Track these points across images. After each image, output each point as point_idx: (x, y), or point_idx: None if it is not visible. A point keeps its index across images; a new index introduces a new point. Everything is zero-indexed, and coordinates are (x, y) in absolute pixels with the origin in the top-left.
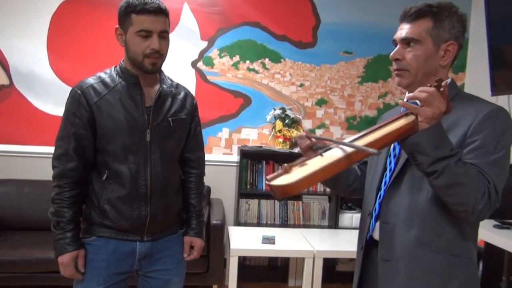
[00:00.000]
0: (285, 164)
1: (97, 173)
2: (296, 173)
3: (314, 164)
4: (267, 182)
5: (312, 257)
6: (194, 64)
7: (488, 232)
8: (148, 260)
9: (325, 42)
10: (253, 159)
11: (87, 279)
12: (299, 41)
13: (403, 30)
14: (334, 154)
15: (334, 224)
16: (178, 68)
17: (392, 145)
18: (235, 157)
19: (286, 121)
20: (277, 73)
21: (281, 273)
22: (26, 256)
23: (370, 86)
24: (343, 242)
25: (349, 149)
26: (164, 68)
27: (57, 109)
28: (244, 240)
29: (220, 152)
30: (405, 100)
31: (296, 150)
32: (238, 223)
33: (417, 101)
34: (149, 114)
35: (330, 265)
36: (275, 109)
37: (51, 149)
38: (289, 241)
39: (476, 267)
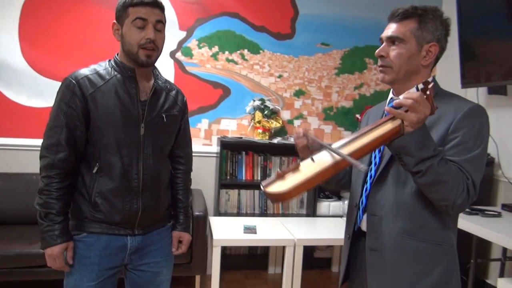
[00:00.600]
0: (278, 170)
1: (87, 165)
2: (290, 180)
3: (306, 170)
4: (262, 188)
5: (293, 245)
6: (172, 54)
7: (459, 218)
8: (139, 254)
9: (303, 34)
10: (233, 150)
11: (79, 276)
12: (278, 33)
13: (390, 29)
14: (324, 159)
15: (312, 212)
16: (159, 61)
17: None
18: (214, 148)
19: (265, 112)
20: (256, 64)
21: (261, 261)
22: (6, 252)
23: (347, 77)
24: (322, 230)
25: (338, 156)
26: None
27: (31, 100)
28: (226, 231)
29: (200, 143)
30: (392, 104)
31: (275, 140)
32: (218, 213)
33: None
34: (143, 109)
35: (309, 252)
36: (254, 100)
37: (21, 141)
38: (270, 230)
39: (456, 253)
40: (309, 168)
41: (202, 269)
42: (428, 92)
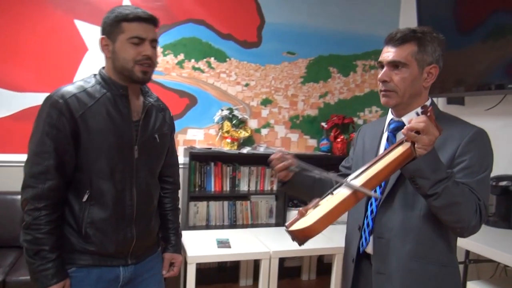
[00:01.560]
0: (300, 208)
1: (75, 193)
2: (312, 215)
3: (328, 203)
4: (286, 229)
5: (268, 258)
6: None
7: None
8: (131, 285)
9: (270, 42)
10: (201, 161)
11: None
12: (244, 41)
13: (390, 53)
14: (343, 191)
15: (282, 221)
16: None
17: None
18: (181, 159)
19: (234, 122)
20: (222, 73)
21: (232, 274)
22: None
23: (312, 86)
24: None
25: (356, 187)
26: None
27: None
28: (199, 246)
29: None
30: (392, 126)
31: (245, 151)
32: (188, 227)
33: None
34: (136, 130)
35: (279, 262)
36: (222, 110)
37: None
38: (243, 243)
39: (460, 274)
40: (329, 201)
41: (176, 286)
42: (429, 114)
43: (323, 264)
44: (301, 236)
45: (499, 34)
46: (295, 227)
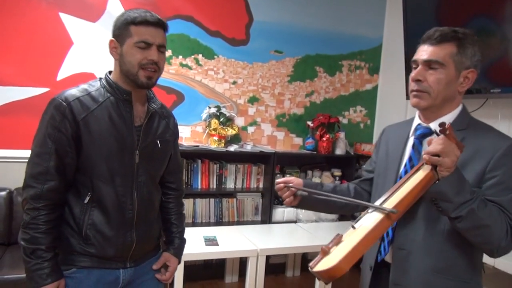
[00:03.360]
0: (323, 247)
1: (76, 194)
2: (336, 254)
3: (350, 239)
4: (310, 270)
5: (256, 255)
6: None
7: None
8: (131, 286)
9: (257, 40)
10: (188, 158)
11: None
12: (232, 38)
13: (426, 52)
14: (365, 224)
15: (267, 219)
16: (105, 62)
17: (403, 170)
18: None
19: (221, 119)
20: (210, 70)
21: (218, 271)
22: None
23: (298, 85)
24: (280, 237)
25: (379, 217)
26: (91, 61)
27: None
28: (187, 243)
29: None
30: (419, 133)
31: (232, 148)
32: None
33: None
34: (138, 135)
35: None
36: (210, 107)
37: None
38: (230, 241)
39: None
40: (352, 236)
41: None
42: (447, 133)
43: (307, 260)
44: (326, 277)
45: (479, 38)
46: (319, 267)
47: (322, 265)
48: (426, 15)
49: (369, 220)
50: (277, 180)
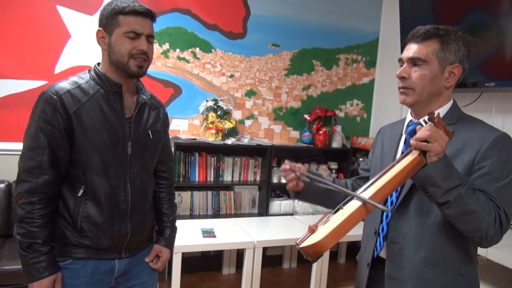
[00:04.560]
0: (310, 225)
1: (70, 187)
2: (322, 230)
3: (337, 218)
4: (297, 247)
5: (252, 247)
6: None
7: None
8: (126, 277)
9: (255, 34)
10: (185, 151)
11: None
12: (230, 32)
13: (411, 50)
14: (352, 204)
15: (264, 211)
16: None
17: None
18: None
19: (219, 113)
20: (208, 63)
21: (215, 263)
22: None
23: (295, 78)
24: (276, 229)
25: (366, 199)
26: (88, 54)
27: None
28: (184, 235)
29: None
30: (411, 128)
31: (229, 142)
32: None
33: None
34: (129, 126)
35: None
36: (207, 101)
37: None
38: (228, 233)
39: (479, 284)
40: (338, 215)
41: (161, 276)
42: (436, 121)
43: None
44: (312, 252)
45: (475, 32)
46: (305, 243)
47: (308, 241)
48: (422, 9)
49: (356, 203)
50: (285, 163)
